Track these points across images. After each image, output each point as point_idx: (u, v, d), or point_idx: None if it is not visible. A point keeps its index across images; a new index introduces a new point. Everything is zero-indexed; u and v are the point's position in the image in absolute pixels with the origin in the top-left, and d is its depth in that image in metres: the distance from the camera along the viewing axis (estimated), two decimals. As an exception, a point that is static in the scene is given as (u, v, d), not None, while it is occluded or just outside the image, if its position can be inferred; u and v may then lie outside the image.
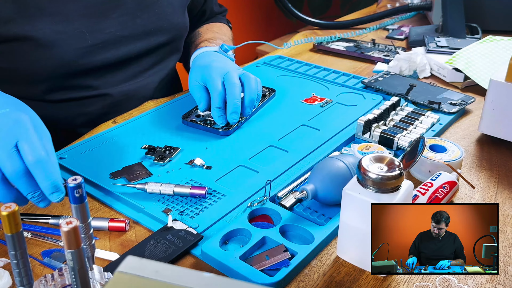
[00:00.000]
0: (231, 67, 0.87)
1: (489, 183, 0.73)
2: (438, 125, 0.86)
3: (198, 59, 0.94)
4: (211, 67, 0.86)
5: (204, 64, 0.88)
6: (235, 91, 0.82)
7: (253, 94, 0.84)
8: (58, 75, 0.86)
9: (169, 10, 0.97)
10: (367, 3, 1.91)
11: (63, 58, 0.84)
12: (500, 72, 0.80)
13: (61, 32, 0.83)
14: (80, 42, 0.85)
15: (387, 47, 1.22)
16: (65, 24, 0.84)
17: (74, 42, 0.85)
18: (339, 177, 0.62)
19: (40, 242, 0.62)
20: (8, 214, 0.42)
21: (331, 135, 0.83)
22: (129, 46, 0.92)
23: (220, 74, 0.84)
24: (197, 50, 0.99)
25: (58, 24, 0.83)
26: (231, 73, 0.84)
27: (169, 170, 0.74)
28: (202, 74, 0.86)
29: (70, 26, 0.84)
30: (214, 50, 0.97)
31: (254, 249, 0.59)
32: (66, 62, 0.85)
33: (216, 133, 0.83)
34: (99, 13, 0.87)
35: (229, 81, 0.83)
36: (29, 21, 0.81)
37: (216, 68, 0.85)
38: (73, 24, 0.84)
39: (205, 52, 0.96)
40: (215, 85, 0.83)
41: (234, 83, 0.83)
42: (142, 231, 0.63)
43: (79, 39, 0.85)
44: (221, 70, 0.85)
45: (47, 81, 0.86)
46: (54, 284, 0.51)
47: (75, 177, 0.48)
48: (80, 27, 0.85)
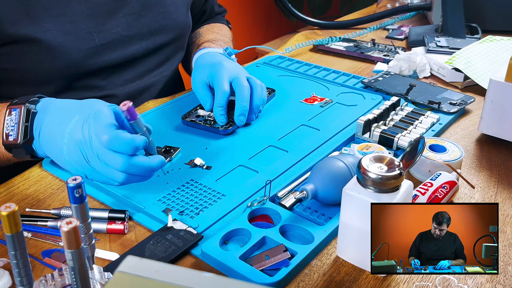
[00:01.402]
0: (240, 70, 0.87)
1: (489, 183, 0.73)
2: (438, 125, 0.86)
3: (203, 58, 0.94)
4: (222, 66, 0.86)
5: (212, 62, 0.88)
6: (244, 94, 0.82)
7: (258, 100, 0.85)
8: (65, 76, 0.86)
9: (172, 9, 0.97)
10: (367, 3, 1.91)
11: (71, 58, 0.84)
12: (500, 72, 0.80)
13: (69, 33, 0.83)
14: (87, 43, 0.85)
15: (387, 47, 1.22)
16: (72, 25, 0.84)
17: (81, 43, 0.85)
18: (339, 177, 0.62)
19: (40, 242, 0.62)
20: (8, 214, 0.42)
21: (331, 135, 0.83)
22: (135, 45, 0.92)
23: (229, 75, 0.84)
24: (200, 50, 0.99)
25: (66, 25, 0.83)
26: (241, 75, 0.84)
27: (169, 170, 0.74)
28: (211, 72, 0.86)
29: (77, 27, 0.84)
30: (219, 51, 0.97)
31: (254, 249, 0.59)
32: (74, 63, 0.85)
33: (216, 132, 0.83)
34: (105, 13, 0.87)
35: (239, 83, 0.83)
36: (37, 22, 0.81)
37: (227, 68, 0.85)
38: (80, 24, 0.84)
39: (210, 53, 0.96)
40: (222, 84, 0.83)
41: (244, 86, 0.83)
42: (142, 231, 0.63)
43: (86, 39, 0.85)
44: (231, 71, 0.85)
45: (55, 82, 0.86)
46: (54, 284, 0.51)
47: (75, 177, 0.48)
48: (87, 27, 0.85)
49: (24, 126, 0.67)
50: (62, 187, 0.72)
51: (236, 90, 0.83)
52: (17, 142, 0.67)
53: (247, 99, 0.83)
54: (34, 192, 0.71)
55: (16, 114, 0.68)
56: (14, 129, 0.67)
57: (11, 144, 0.67)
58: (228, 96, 0.83)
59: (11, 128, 0.67)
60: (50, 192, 0.71)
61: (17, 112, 0.68)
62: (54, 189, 0.71)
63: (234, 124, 0.84)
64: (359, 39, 1.29)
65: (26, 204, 0.68)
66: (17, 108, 0.68)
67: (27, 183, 0.73)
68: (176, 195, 0.68)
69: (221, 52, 0.97)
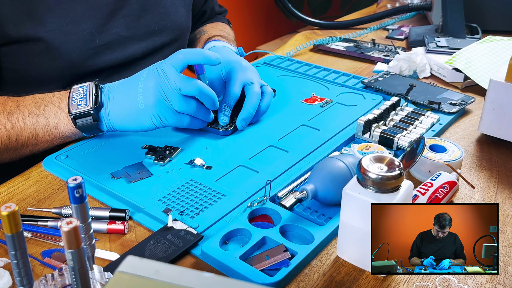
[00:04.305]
0: (256, 75, 0.87)
1: (489, 183, 0.73)
2: (438, 125, 0.86)
3: (217, 50, 0.94)
4: (240, 66, 0.85)
5: (231, 59, 0.87)
6: (254, 101, 0.83)
7: (265, 107, 0.86)
8: (66, 76, 0.86)
9: (172, 10, 0.97)
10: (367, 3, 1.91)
11: (72, 59, 0.84)
12: (500, 72, 0.80)
13: (71, 33, 0.83)
14: (88, 43, 0.86)
15: (387, 47, 1.22)
16: (74, 25, 0.84)
17: (82, 44, 0.85)
18: (339, 177, 0.62)
19: (40, 242, 0.62)
20: (8, 214, 0.42)
21: (331, 135, 0.83)
22: (134, 46, 0.92)
23: (245, 78, 0.84)
24: (213, 41, 0.99)
25: (68, 25, 0.83)
26: (255, 81, 0.85)
27: (169, 170, 0.74)
28: (228, 68, 0.85)
29: (78, 27, 0.84)
30: (232, 49, 0.96)
31: (254, 249, 0.59)
32: (75, 63, 0.85)
33: (216, 133, 0.83)
34: (105, 14, 0.88)
35: (252, 89, 0.83)
36: (39, 22, 0.81)
37: (244, 70, 0.85)
38: (81, 25, 0.85)
39: (225, 47, 0.96)
40: (235, 86, 0.83)
41: (256, 93, 0.83)
42: (142, 231, 0.63)
43: (87, 40, 0.85)
44: (247, 74, 0.85)
45: (55, 83, 0.86)
46: (54, 284, 0.51)
47: (75, 177, 0.48)
48: (88, 28, 0.85)
49: (94, 96, 0.74)
50: (62, 187, 0.72)
51: (247, 95, 0.83)
52: (88, 108, 0.73)
53: (255, 107, 0.83)
54: (34, 192, 0.71)
55: (84, 88, 0.75)
56: (83, 99, 0.74)
57: (81, 112, 0.73)
58: (237, 98, 0.84)
59: (80, 99, 0.74)
60: (50, 192, 0.71)
61: (86, 87, 0.75)
62: (54, 189, 0.71)
63: (234, 125, 0.84)
64: (359, 39, 1.29)
65: (26, 204, 0.68)
66: (84, 85, 0.76)
67: (27, 183, 0.73)
68: (176, 195, 0.68)
69: (234, 50, 0.96)
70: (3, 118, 0.75)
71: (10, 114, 0.75)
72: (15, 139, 0.75)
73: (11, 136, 0.75)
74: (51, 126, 0.75)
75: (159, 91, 0.72)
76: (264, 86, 0.87)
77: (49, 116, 0.75)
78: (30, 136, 0.75)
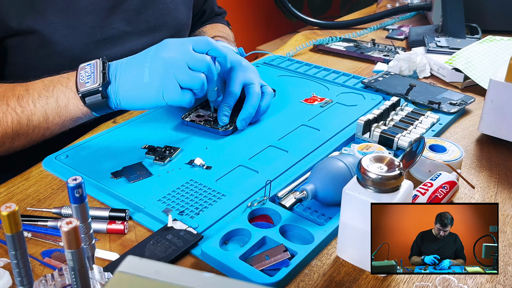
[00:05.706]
0: (256, 75, 0.87)
1: (489, 183, 0.73)
2: (438, 125, 0.86)
3: None
4: (241, 66, 0.85)
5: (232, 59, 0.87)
6: (254, 101, 0.83)
7: (265, 107, 0.86)
8: (67, 70, 0.86)
9: (172, 7, 0.98)
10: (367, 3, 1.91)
11: (73, 53, 0.84)
12: (500, 72, 0.80)
13: (72, 27, 0.84)
14: (89, 38, 0.86)
15: (387, 47, 1.22)
16: (75, 19, 0.84)
17: (83, 38, 0.85)
18: (339, 177, 0.62)
19: (40, 242, 0.62)
20: (8, 214, 0.42)
21: (331, 135, 0.83)
22: (134, 42, 0.92)
23: (245, 78, 0.84)
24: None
25: (69, 19, 0.83)
26: (256, 81, 0.85)
27: (169, 170, 0.74)
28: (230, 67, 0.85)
29: (80, 21, 0.84)
30: (233, 49, 0.96)
31: (254, 249, 0.59)
32: (75, 57, 0.85)
33: (216, 133, 0.83)
34: (106, 8, 0.88)
35: (253, 89, 0.83)
36: (41, 15, 0.81)
37: (245, 70, 0.85)
38: (82, 19, 0.85)
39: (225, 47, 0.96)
40: (235, 85, 0.83)
41: (256, 93, 0.83)
42: (142, 231, 0.63)
43: (88, 34, 0.85)
44: (248, 74, 0.85)
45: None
46: (54, 284, 0.51)
47: (75, 177, 0.48)
48: (90, 22, 0.85)
49: (102, 73, 0.73)
50: (62, 187, 0.72)
51: (248, 95, 0.83)
52: (96, 86, 0.72)
53: (255, 107, 0.83)
54: (34, 192, 0.71)
55: (92, 66, 0.74)
56: (91, 76, 0.73)
57: (89, 90, 0.72)
58: (237, 98, 0.83)
59: (87, 77, 0.73)
60: (50, 192, 0.71)
61: (93, 64, 0.74)
62: (54, 189, 0.71)
63: (234, 125, 0.84)
64: (359, 39, 1.29)
65: (26, 204, 0.68)
66: (91, 62, 0.75)
67: (27, 183, 0.73)
68: (176, 195, 0.68)
69: (235, 50, 0.97)
70: (13, 102, 0.74)
71: (20, 98, 0.74)
72: (26, 124, 0.74)
73: (22, 120, 0.74)
74: (61, 106, 0.74)
75: (165, 63, 0.71)
76: (265, 86, 0.87)
77: (59, 96, 0.74)
78: (41, 119, 0.74)
